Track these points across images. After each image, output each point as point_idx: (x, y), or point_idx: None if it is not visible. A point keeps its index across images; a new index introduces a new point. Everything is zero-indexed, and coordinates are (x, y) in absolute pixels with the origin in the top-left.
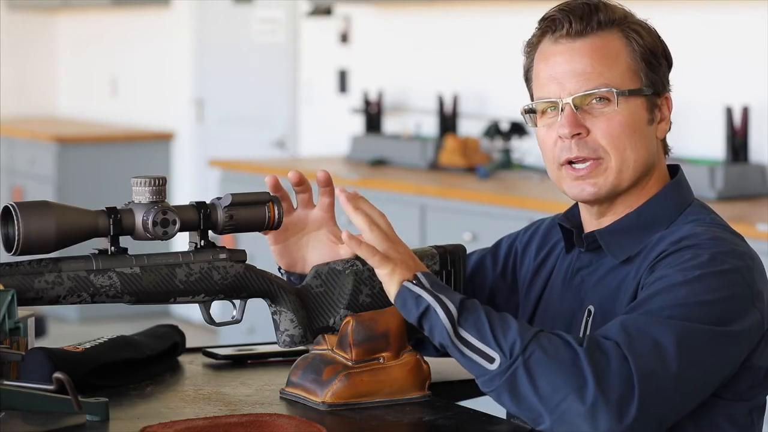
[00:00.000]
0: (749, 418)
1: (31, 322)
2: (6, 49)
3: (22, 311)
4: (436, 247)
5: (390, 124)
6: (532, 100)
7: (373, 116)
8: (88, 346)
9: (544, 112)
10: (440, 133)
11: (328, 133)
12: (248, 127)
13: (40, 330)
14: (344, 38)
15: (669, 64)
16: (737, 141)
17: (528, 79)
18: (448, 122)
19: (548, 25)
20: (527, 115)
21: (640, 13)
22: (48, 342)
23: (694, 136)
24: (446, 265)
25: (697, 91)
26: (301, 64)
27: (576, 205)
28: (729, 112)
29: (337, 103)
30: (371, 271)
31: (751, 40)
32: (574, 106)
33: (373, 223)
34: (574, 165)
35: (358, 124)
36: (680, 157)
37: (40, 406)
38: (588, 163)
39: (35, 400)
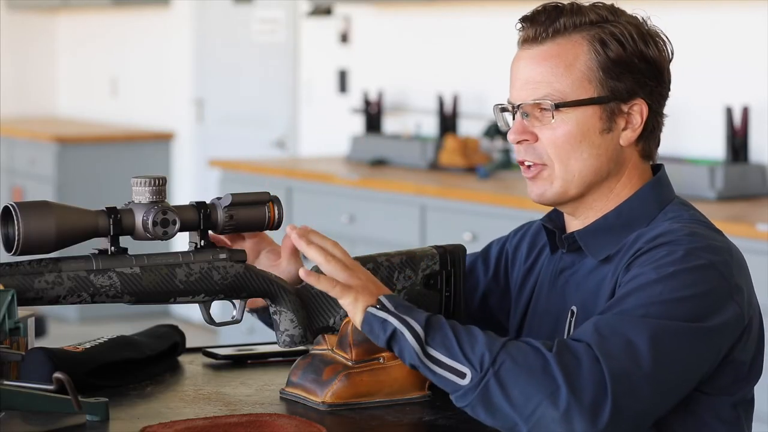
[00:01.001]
0: (735, 413)
1: (31, 322)
2: (6, 49)
3: (22, 311)
4: (436, 247)
5: (390, 124)
6: None
7: (373, 116)
8: (88, 346)
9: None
10: (440, 133)
11: (328, 133)
12: (248, 127)
13: (40, 330)
14: (344, 38)
15: (654, 68)
16: (737, 141)
17: None
18: (448, 122)
19: (519, 30)
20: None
21: (641, 12)
22: (48, 342)
23: (694, 136)
24: (446, 265)
25: (697, 91)
26: (301, 64)
27: None
28: (729, 112)
29: (337, 103)
30: (371, 271)
31: (751, 40)
32: (525, 112)
33: (328, 254)
34: (526, 164)
35: (358, 124)
36: (680, 157)
37: (40, 406)
38: (535, 169)
39: (35, 400)
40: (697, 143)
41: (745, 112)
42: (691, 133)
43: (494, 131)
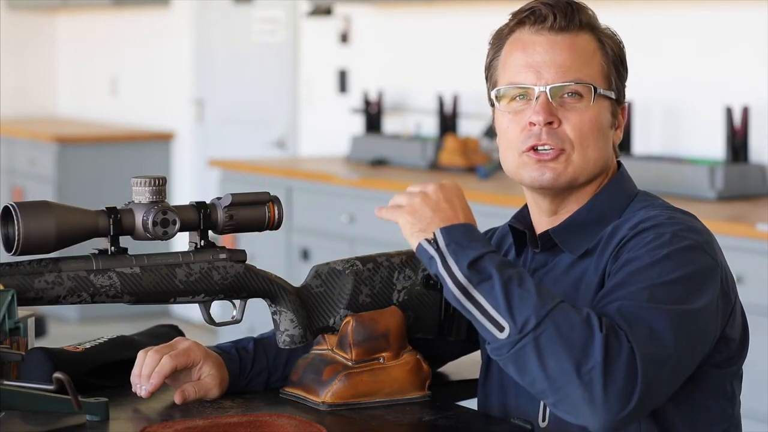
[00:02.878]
0: (731, 388)
1: (31, 322)
2: (6, 49)
3: (22, 311)
4: None
5: (390, 124)
6: (492, 89)
7: (373, 116)
8: (88, 346)
9: (512, 99)
10: (440, 133)
11: (328, 133)
12: (248, 127)
13: (40, 330)
14: (344, 38)
15: (627, 72)
16: (737, 141)
17: (492, 68)
18: (448, 122)
19: (528, 16)
20: (494, 99)
21: (641, 13)
22: (48, 342)
23: (694, 136)
24: None
25: (697, 91)
26: (301, 64)
27: (525, 207)
28: (729, 112)
29: (337, 103)
30: (371, 271)
31: (751, 40)
32: (550, 95)
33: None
34: (538, 150)
35: (358, 124)
36: (680, 157)
37: (40, 406)
38: (554, 152)
39: (35, 400)
40: (697, 143)
41: (745, 112)
42: (691, 133)
43: (494, 131)
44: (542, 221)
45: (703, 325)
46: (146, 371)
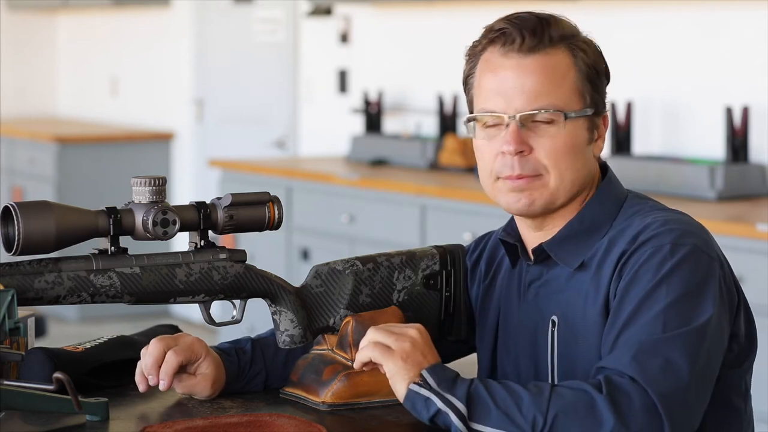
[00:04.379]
0: (744, 385)
1: (31, 322)
2: (6, 49)
3: (22, 311)
4: (436, 247)
5: (390, 124)
6: (469, 105)
7: (373, 116)
8: (88, 346)
9: (485, 125)
10: (440, 133)
11: (328, 133)
12: (248, 127)
13: (40, 330)
14: (344, 38)
15: (608, 81)
16: (737, 141)
17: (468, 85)
18: (448, 122)
19: (497, 37)
20: (468, 123)
21: (641, 13)
22: (48, 342)
23: (694, 136)
24: (446, 265)
25: (697, 91)
26: (301, 64)
27: (513, 219)
28: (729, 112)
29: (337, 103)
30: (371, 271)
31: (751, 40)
32: (520, 123)
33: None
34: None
35: (358, 124)
36: (680, 157)
37: (40, 406)
38: (527, 180)
39: (35, 400)
40: (697, 143)
41: (745, 112)
42: (691, 133)
43: None
44: (530, 235)
45: (715, 333)
46: (150, 361)
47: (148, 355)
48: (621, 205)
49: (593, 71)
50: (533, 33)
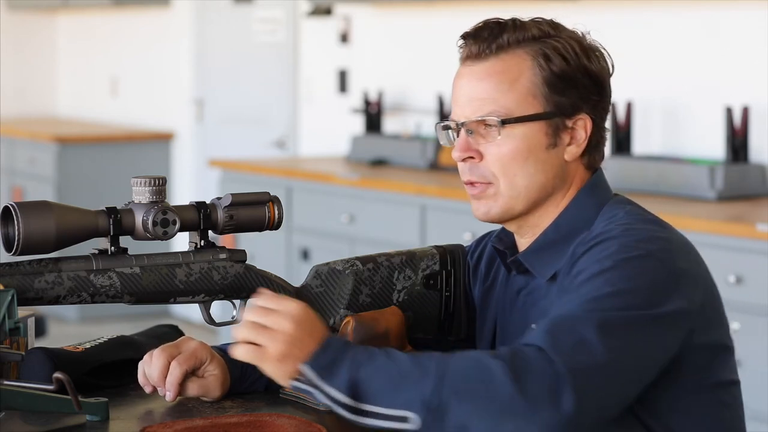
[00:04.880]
0: (729, 394)
1: (31, 322)
2: (6, 49)
3: (22, 311)
4: (436, 247)
5: (390, 124)
6: None
7: (373, 116)
8: (88, 346)
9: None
10: None
11: (328, 133)
12: (248, 127)
13: (40, 330)
14: (344, 38)
15: (597, 82)
16: (737, 141)
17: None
18: None
19: (460, 47)
20: (438, 131)
21: (641, 13)
22: (48, 342)
23: (694, 136)
24: (446, 265)
25: (697, 91)
26: (301, 64)
27: None
28: (729, 112)
29: (337, 103)
30: (371, 271)
31: (751, 40)
32: (470, 130)
33: (249, 321)
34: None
35: (358, 124)
36: (680, 157)
37: (40, 406)
38: (480, 187)
39: (35, 400)
40: (697, 143)
41: (745, 112)
42: (691, 133)
43: None
44: (518, 242)
45: (648, 333)
46: (156, 373)
47: (153, 367)
48: (599, 211)
49: (555, 76)
50: (484, 39)
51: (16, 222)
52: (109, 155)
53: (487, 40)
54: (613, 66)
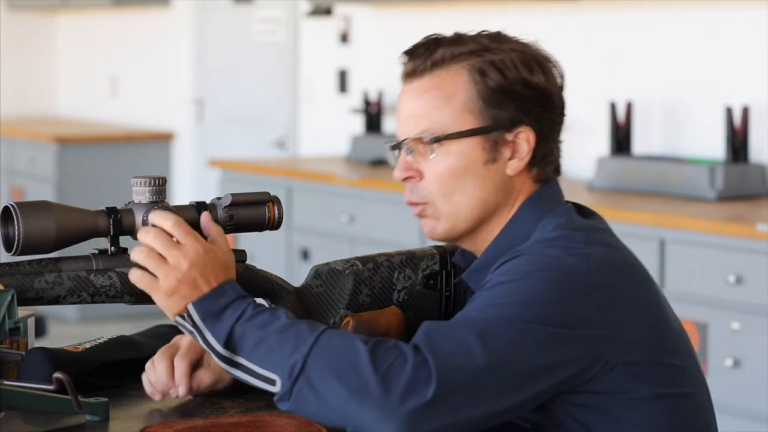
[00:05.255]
0: (671, 407)
1: (31, 322)
2: (6, 49)
3: (22, 311)
4: (436, 247)
5: (390, 124)
6: None
7: (373, 116)
8: (88, 346)
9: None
10: None
11: (328, 133)
12: (248, 127)
13: (40, 330)
14: (344, 38)
15: (540, 93)
16: (737, 141)
17: None
18: None
19: (401, 64)
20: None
21: (641, 13)
22: (48, 342)
23: (694, 136)
24: (446, 265)
25: (697, 91)
26: (301, 64)
27: None
28: (729, 112)
29: (337, 103)
30: (371, 271)
31: (751, 40)
32: (410, 149)
33: (146, 247)
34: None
35: (358, 124)
36: (680, 157)
37: (40, 406)
38: (420, 207)
39: (35, 400)
40: (697, 143)
41: (745, 112)
42: (691, 133)
43: None
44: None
45: (533, 344)
46: (163, 377)
47: (158, 371)
48: (539, 223)
49: (491, 90)
50: (419, 56)
51: (16, 222)
52: (109, 155)
53: (422, 56)
54: (562, 76)
